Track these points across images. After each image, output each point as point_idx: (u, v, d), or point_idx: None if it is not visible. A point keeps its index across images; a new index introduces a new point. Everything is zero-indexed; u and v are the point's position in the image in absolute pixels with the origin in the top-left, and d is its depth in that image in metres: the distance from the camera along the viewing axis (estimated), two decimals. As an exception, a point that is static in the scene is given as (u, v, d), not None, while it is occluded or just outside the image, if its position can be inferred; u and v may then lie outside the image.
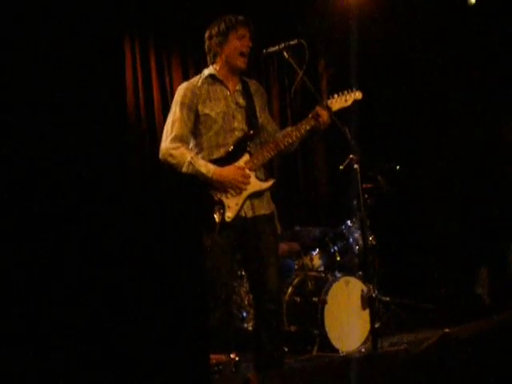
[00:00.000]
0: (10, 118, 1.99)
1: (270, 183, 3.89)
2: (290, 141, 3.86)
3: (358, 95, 4.06)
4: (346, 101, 4.03)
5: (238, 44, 3.85)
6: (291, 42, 3.90)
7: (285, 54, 3.91)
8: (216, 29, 3.89)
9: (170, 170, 3.77)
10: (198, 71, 6.43)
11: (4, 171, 1.98)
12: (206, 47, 3.98)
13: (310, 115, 3.90)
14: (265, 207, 3.89)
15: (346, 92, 4.04)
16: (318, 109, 3.89)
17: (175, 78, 6.70)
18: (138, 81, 6.44)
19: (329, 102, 3.99)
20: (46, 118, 2.08)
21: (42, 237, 1.98)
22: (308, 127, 3.88)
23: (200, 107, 3.83)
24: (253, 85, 4.05)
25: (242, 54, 3.86)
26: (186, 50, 6.82)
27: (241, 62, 3.88)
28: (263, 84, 7.56)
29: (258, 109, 3.97)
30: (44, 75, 2.07)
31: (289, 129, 3.97)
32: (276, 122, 7.52)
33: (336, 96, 4.03)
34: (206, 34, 3.96)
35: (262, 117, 4.01)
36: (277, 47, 3.93)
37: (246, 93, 3.96)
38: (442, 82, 7.35)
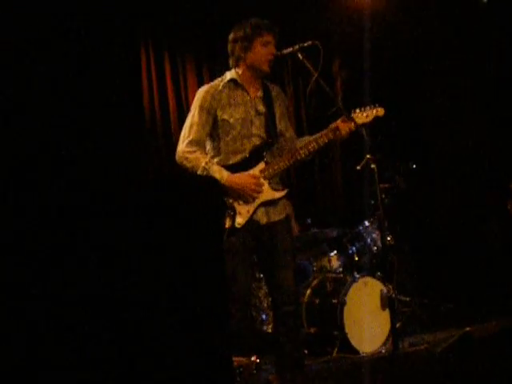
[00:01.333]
0: (28, 119, 2.01)
1: (283, 193, 3.87)
2: (307, 152, 3.84)
3: (380, 112, 3.99)
4: (367, 116, 3.96)
5: (263, 51, 3.83)
6: (305, 44, 3.88)
7: (299, 55, 3.88)
8: (241, 33, 3.86)
9: (186, 172, 3.78)
10: (212, 75, 6.50)
11: (16, 169, 1.99)
12: (229, 49, 3.95)
13: (330, 128, 3.87)
14: (279, 213, 3.88)
15: (367, 108, 3.98)
16: (339, 123, 3.85)
17: (190, 81, 6.72)
18: (153, 85, 6.45)
19: (353, 115, 3.94)
20: (63, 122, 2.09)
21: (61, 235, 1.99)
22: (326, 140, 3.85)
23: (219, 112, 3.82)
24: (274, 90, 4.03)
25: (266, 61, 3.84)
26: (200, 53, 6.84)
27: (265, 67, 3.85)
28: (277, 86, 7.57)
29: (277, 115, 3.96)
30: (63, 79, 2.08)
31: (306, 139, 3.94)
32: (290, 123, 7.58)
33: (358, 111, 3.97)
34: (231, 37, 3.92)
35: (282, 123, 3.99)
36: (291, 49, 3.91)
37: (267, 99, 3.94)
38: (456, 81, 7.34)
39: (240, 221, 3.73)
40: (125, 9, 5.79)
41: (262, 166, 3.82)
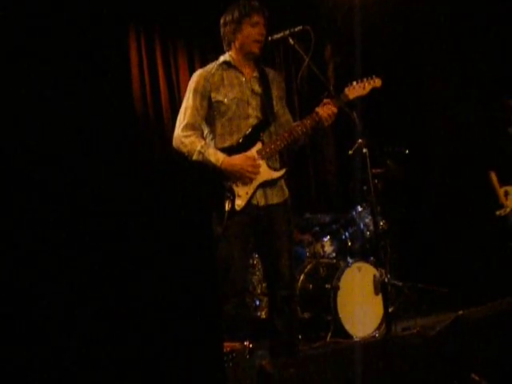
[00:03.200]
0: (14, 118, 1.99)
1: (281, 172, 3.86)
2: (296, 135, 3.81)
3: (378, 82, 3.98)
4: (363, 88, 3.95)
5: (251, 32, 3.81)
6: (296, 29, 3.87)
7: (290, 40, 3.87)
8: (230, 16, 3.86)
9: (183, 157, 3.76)
10: (204, 61, 6.46)
11: (12, 170, 1.98)
12: (221, 33, 3.94)
13: (314, 111, 3.85)
14: (278, 195, 3.87)
15: (364, 79, 3.97)
16: (319, 108, 3.84)
17: (181, 67, 6.69)
18: (144, 71, 6.43)
19: (346, 89, 3.94)
20: (49, 113, 2.07)
21: (57, 234, 1.98)
22: (311, 123, 3.82)
23: (213, 94, 3.80)
24: (271, 73, 4.01)
25: (255, 41, 3.83)
26: (191, 39, 6.81)
27: (255, 48, 3.84)
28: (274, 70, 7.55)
29: (274, 97, 3.94)
30: (47, 69, 2.06)
31: (295, 123, 3.94)
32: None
33: (354, 83, 3.95)
34: (221, 21, 3.92)
35: (278, 106, 3.96)
36: (282, 34, 3.89)
37: (263, 80, 3.92)
38: (450, 65, 7.32)
39: (239, 203, 3.70)
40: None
41: (259, 145, 3.80)
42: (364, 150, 3.94)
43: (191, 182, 3.13)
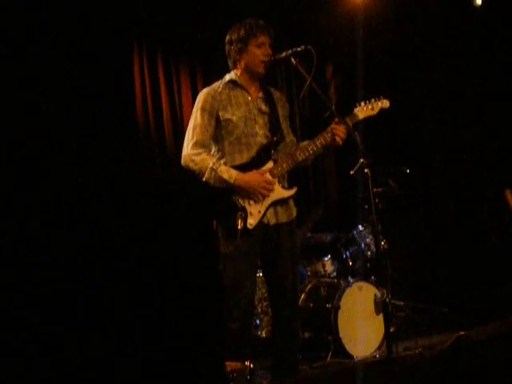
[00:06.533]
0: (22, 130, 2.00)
1: (292, 191, 3.88)
2: (307, 154, 3.83)
3: (386, 104, 4.01)
4: (372, 109, 3.99)
5: (257, 52, 3.84)
6: (298, 49, 3.88)
7: (292, 60, 3.89)
8: (236, 34, 3.87)
9: (193, 176, 3.74)
10: (207, 79, 6.49)
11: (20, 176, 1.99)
12: (226, 51, 3.96)
13: (327, 130, 3.87)
14: (287, 214, 3.88)
15: (373, 100, 4.00)
16: (334, 125, 3.86)
17: (183, 85, 6.70)
18: (147, 89, 6.43)
19: (355, 110, 3.97)
20: (56, 129, 2.09)
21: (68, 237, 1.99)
22: (324, 142, 3.85)
23: (221, 112, 3.80)
24: (276, 93, 4.05)
25: (261, 62, 3.85)
26: (193, 57, 6.82)
27: (260, 68, 3.86)
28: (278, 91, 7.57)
29: (280, 117, 3.95)
30: (55, 86, 2.08)
31: (306, 143, 3.94)
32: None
33: (363, 104, 3.99)
34: (227, 39, 3.94)
35: (284, 126, 3.98)
36: (284, 53, 3.91)
37: (269, 100, 3.95)
38: (450, 84, 7.35)
39: (252, 221, 3.68)
40: (118, 13, 5.78)
41: (270, 164, 3.80)
42: (366, 170, 3.94)
43: (196, 200, 3.13)
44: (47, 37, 2.06)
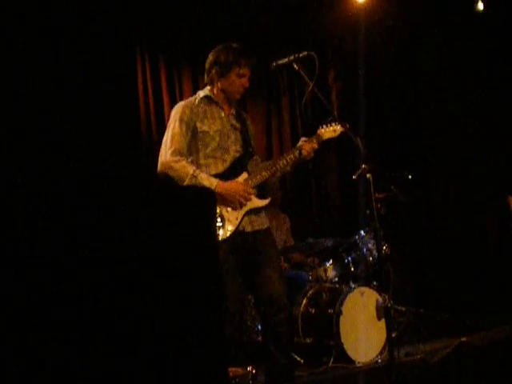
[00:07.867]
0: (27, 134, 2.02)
1: (267, 201, 3.99)
2: (278, 167, 3.98)
3: (343, 128, 4.12)
4: (334, 131, 4.15)
5: (237, 82, 3.95)
6: (301, 54, 3.90)
7: (295, 65, 3.91)
8: (221, 58, 3.95)
9: (170, 183, 3.79)
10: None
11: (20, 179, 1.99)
12: (206, 66, 4.04)
13: (295, 147, 4.06)
14: (262, 222, 3.98)
15: (333, 124, 4.14)
16: (302, 143, 4.05)
17: (185, 90, 6.72)
18: (149, 94, 6.45)
19: (319, 131, 4.13)
20: (59, 132, 2.10)
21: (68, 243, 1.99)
22: (292, 158, 4.02)
23: (198, 124, 3.89)
24: (243, 114, 4.18)
25: (237, 92, 3.98)
26: (195, 63, 6.84)
27: (236, 95, 4.01)
28: (274, 95, 7.60)
29: (249, 134, 4.09)
30: (59, 90, 2.09)
31: (277, 157, 4.11)
32: (286, 133, 7.61)
33: (325, 126, 4.14)
34: (210, 59, 4.01)
35: (253, 143, 4.12)
36: (286, 59, 3.93)
37: (240, 118, 4.08)
38: (451, 90, 7.37)
39: (230, 228, 3.79)
40: (121, 18, 5.80)
41: (245, 175, 3.93)
42: (368, 175, 3.96)
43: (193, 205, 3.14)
44: (53, 44, 2.08)
